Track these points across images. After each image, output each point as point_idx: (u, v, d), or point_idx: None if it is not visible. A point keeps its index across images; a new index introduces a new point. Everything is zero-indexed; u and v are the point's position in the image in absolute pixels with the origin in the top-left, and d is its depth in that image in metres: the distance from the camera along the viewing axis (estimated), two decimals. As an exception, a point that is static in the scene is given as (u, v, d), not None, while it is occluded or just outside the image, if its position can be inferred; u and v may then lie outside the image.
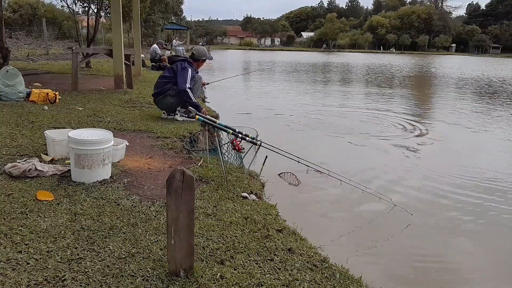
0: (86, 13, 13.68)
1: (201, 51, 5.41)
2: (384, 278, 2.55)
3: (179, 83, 4.95)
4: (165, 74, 5.22)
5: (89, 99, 6.24)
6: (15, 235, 1.99)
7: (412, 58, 51.23)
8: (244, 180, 3.16)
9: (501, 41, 78.09)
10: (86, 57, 9.53)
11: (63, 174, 2.85)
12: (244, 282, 1.75)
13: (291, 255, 2.05)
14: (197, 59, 5.28)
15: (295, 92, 12.37)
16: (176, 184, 1.60)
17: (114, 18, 7.25)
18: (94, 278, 1.69)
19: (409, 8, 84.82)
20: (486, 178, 4.59)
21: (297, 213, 3.21)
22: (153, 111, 5.55)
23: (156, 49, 14.69)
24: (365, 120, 7.95)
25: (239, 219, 2.40)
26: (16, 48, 16.04)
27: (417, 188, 4.25)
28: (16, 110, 5.07)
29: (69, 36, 24.10)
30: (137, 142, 3.99)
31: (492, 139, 6.83)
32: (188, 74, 4.99)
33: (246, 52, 57.17)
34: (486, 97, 12.85)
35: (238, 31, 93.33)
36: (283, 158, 3.50)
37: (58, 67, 11.88)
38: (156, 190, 2.76)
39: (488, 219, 3.60)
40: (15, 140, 3.65)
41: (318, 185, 4.01)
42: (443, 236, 3.21)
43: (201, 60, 5.33)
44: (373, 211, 3.52)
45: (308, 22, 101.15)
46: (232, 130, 3.43)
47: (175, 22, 37.45)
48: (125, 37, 21.82)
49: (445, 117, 8.69)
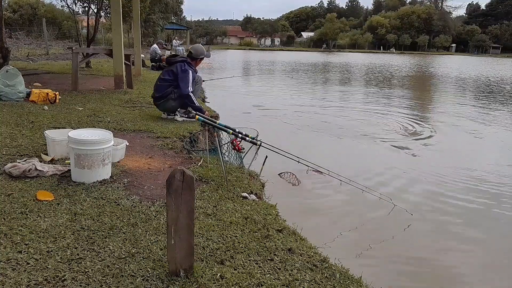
0: (86, 13, 13.69)
1: (199, 49, 5.35)
2: (384, 278, 2.55)
3: (182, 88, 4.90)
4: (165, 76, 5.13)
5: (89, 99, 6.24)
6: (15, 235, 1.99)
7: (412, 58, 51.25)
8: (244, 180, 3.16)
9: (501, 41, 78.10)
10: (86, 57, 9.53)
11: (63, 174, 2.85)
12: (244, 282, 1.75)
13: (291, 255, 2.05)
14: (195, 58, 5.23)
15: (295, 92, 12.36)
16: (176, 184, 1.60)
17: (114, 18, 7.25)
18: (94, 278, 1.69)
19: (409, 8, 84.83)
20: (487, 178, 4.59)
21: (297, 213, 3.21)
22: (153, 111, 5.55)
23: (156, 49, 14.69)
24: (365, 120, 7.95)
25: (239, 219, 2.40)
26: (16, 48, 16.04)
27: (417, 188, 4.25)
28: (16, 110, 5.07)
29: (69, 36, 24.11)
30: (137, 142, 3.99)
31: (492, 139, 6.83)
32: (189, 77, 4.94)
33: (246, 52, 57.17)
34: (484, 97, 12.85)
35: (238, 31, 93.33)
36: (283, 158, 3.50)
37: (58, 67, 11.88)
38: (156, 190, 2.76)
39: (489, 219, 3.61)
40: (15, 140, 3.65)
41: (318, 185, 4.01)
42: (443, 236, 3.21)
43: (200, 59, 5.29)
44: (373, 211, 3.52)
45: (308, 22, 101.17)
46: (232, 130, 3.43)
47: (175, 22, 37.46)
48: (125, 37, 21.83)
49: (445, 117, 8.69)
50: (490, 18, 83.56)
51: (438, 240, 3.16)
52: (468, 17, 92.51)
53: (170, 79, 5.05)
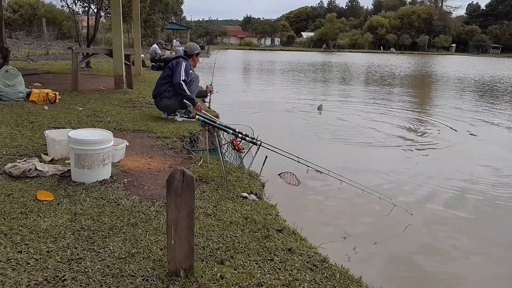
0: (86, 13, 13.70)
1: (192, 46, 5.42)
2: (384, 278, 2.55)
3: (174, 78, 4.97)
4: (163, 75, 5.21)
5: (89, 99, 6.24)
6: (15, 235, 1.99)
7: (411, 58, 51.23)
8: (244, 180, 3.16)
9: (501, 41, 78.07)
10: (86, 57, 9.53)
11: (63, 174, 2.85)
12: (244, 282, 1.75)
13: (291, 255, 2.05)
14: (190, 55, 5.28)
15: (295, 92, 12.36)
16: (176, 184, 1.60)
17: (114, 18, 7.25)
18: (94, 278, 1.69)
19: (409, 8, 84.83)
20: (488, 178, 4.58)
21: (297, 213, 3.21)
22: (153, 111, 5.55)
23: (156, 49, 14.70)
24: (365, 120, 7.94)
25: (239, 219, 2.40)
26: (16, 48, 16.04)
27: (417, 188, 4.25)
28: (16, 110, 5.07)
29: (69, 36, 24.13)
30: (137, 142, 3.98)
31: (495, 140, 6.82)
32: (181, 68, 4.98)
33: (246, 52, 57.16)
34: (486, 96, 12.85)
35: (238, 31, 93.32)
36: (283, 158, 3.50)
37: (58, 67, 11.88)
38: (156, 190, 2.76)
39: (489, 219, 3.61)
40: (15, 140, 3.65)
41: (318, 185, 4.01)
42: (443, 236, 3.21)
43: (195, 55, 5.32)
44: (373, 211, 3.52)
45: (308, 22, 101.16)
46: (232, 130, 3.43)
47: (175, 22, 37.47)
48: (125, 37, 21.84)
49: (445, 117, 8.68)
50: (490, 18, 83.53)
51: (438, 240, 3.15)
52: (468, 17, 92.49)
53: (168, 76, 5.09)
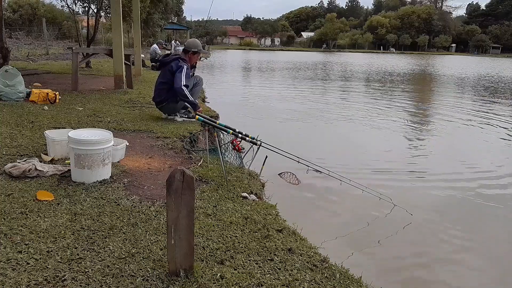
0: (86, 13, 13.69)
1: (191, 42, 5.24)
2: (384, 278, 2.55)
3: (175, 83, 4.83)
4: (163, 79, 5.04)
5: (89, 99, 6.24)
6: (15, 235, 1.99)
7: (411, 58, 51.22)
8: (244, 180, 3.16)
9: (501, 41, 78.09)
10: (86, 57, 9.52)
11: (63, 174, 2.85)
12: (244, 282, 1.75)
13: (291, 255, 2.05)
14: (187, 51, 5.14)
15: (296, 92, 12.35)
16: (176, 184, 1.60)
17: (114, 18, 7.25)
18: (94, 278, 1.69)
19: (409, 8, 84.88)
20: (489, 178, 4.59)
21: (297, 213, 3.21)
22: (153, 111, 5.55)
23: (156, 49, 14.71)
24: (365, 120, 7.95)
25: (239, 219, 2.40)
26: (16, 48, 16.03)
27: (417, 188, 4.25)
28: (16, 110, 5.07)
29: (69, 36, 24.13)
30: (137, 142, 3.98)
31: (493, 139, 6.82)
32: (183, 73, 4.84)
33: (246, 52, 57.17)
34: (486, 96, 12.85)
35: (238, 31, 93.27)
36: (283, 158, 3.50)
37: (58, 67, 11.88)
38: (156, 190, 2.76)
39: (489, 219, 3.61)
40: (15, 140, 3.65)
41: (318, 185, 4.01)
42: (443, 236, 3.21)
43: (191, 52, 5.15)
44: (373, 211, 3.52)
45: (308, 22, 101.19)
46: (232, 130, 3.43)
47: (175, 22, 37.47)
48: (125, 37, 21.82)
49: (445, 116, 8.68)
50: (490, 18, 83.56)
51: (439, 240, 3.15)
52: (468, 17, 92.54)
53: (168, 82, 4.94)
